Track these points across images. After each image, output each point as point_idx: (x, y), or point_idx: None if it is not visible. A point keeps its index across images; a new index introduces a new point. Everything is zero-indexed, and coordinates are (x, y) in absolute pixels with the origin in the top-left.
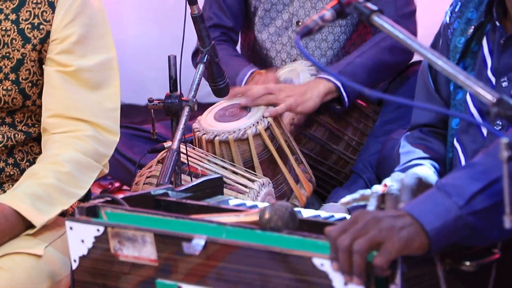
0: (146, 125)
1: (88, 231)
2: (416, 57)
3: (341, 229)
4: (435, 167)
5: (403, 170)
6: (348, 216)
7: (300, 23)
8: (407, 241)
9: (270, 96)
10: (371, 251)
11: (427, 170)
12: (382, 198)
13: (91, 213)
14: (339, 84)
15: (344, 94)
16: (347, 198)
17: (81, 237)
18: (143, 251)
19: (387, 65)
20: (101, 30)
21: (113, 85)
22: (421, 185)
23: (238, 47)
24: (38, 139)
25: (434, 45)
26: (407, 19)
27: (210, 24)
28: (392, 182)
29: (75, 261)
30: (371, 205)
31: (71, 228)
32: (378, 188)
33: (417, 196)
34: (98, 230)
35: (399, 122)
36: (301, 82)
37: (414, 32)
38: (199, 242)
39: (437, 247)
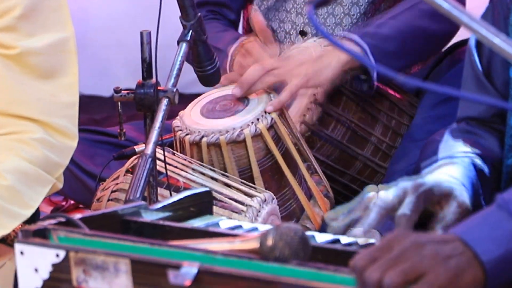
0: (111, 127)
1: (44, 257)
2: (465, 35)
3: (370, 258)
4: (481, 169)
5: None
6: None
7: None
8: (456, 273)
9: (270, 75)
10: (408, 286)
11: (456, 171)
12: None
13: (39, 238)
14: (366, 48)
15: (372, 59)
16: (341, 209)
17: (34, 265)
18: (115, 284)
19: (426, 33)
20: (54, 1)
21: (69, 73)
22: (429, 197)
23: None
24: None
25: (485, 19)
26: None
27: None
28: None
29: None
30: (371, 219)
31: (21, 253)
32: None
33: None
34: (57, 255)
35: (446, 120)
36: None
37: (463, 1)
38: (189, 271)
39: (495, 283)
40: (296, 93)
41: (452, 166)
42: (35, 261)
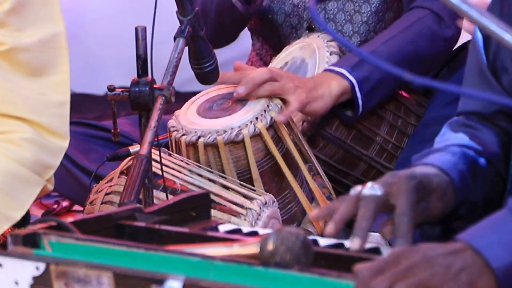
0: (106, 121)
1: (23, 269)
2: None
3: (377, 269)
4: (476, 160)
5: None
6: (386, 250)
7: None
8: (468, 287)
9: (275, 84)
10: None
11: (443, 158)
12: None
13: (30, 243)
14: (354, 81)
15: (359, 95)
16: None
17: (14, 278)
18: None
19: (421, 57)
20: None
21: (60, 70)
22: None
23: None
24: None
25: (491, 12)
26: None
27: None
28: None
29: None
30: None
31: (0, 266)
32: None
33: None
34: (37, 268)
35: None
36: (317, 62)
37: None
38: (174, 285)
39: None
40: (301, 108)
41: (441, 154)
42: (15, 274)
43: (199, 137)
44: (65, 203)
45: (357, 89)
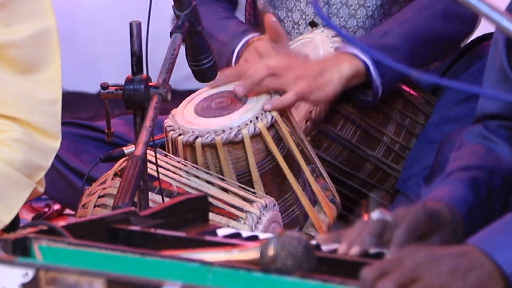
0: (99, 122)
1: (11, 276)
2: (488, 28)
3: (381, 271)
4: (489, 183)
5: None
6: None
7: None
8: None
9: (273, 80)
10: None
11: (446, 194)
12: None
13: (19, 248)
14: (369, 62)
15: (376, 77)
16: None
17: (1, 285)
18: None
19: (439, 38)
20: None
21: (51, 67)
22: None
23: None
24: None
25: (511, 11)
26: None
27: None
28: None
29: None
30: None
31: None
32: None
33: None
34: (26, 274)
35: (466, 121)
36: (320, 58)
37: None
38: None
39: None
40: (299, 99)
41: (450, 187)
42: (2, 281)
43: (197, 137)
44: (56, 207)
45: (372, 69)
